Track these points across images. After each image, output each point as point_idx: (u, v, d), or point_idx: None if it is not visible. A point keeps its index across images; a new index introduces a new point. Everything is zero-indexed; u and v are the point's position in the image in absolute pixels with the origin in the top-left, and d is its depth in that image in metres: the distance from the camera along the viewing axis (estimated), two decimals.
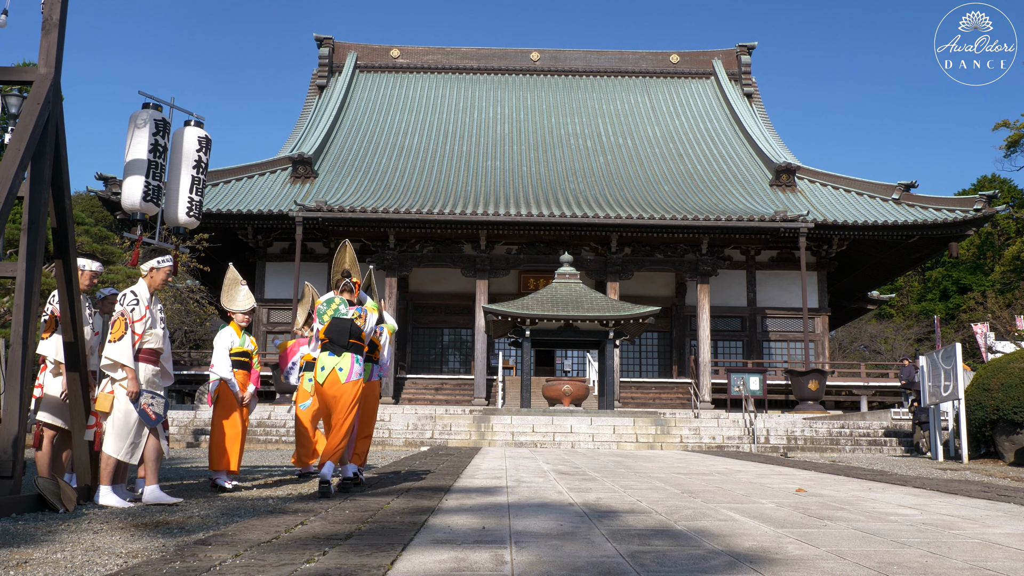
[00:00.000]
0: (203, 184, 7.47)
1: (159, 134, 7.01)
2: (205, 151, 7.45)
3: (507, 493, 6.70)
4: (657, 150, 36.94)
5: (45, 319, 6.66)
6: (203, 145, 7.42)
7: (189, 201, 7.30)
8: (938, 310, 50.30)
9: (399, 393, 29.60)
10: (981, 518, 5.27)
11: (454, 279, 31.75)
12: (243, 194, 31.44)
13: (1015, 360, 14.18)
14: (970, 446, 14.55)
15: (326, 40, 42.64)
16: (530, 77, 43.49)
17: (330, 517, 5.04)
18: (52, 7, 6.13)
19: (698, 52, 43.98)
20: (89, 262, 6.94)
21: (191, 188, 7.30)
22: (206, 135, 7.46)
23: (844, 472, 9.88)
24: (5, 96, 13.65)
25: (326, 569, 3.32)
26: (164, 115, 7.10)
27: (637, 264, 30.11)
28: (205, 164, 7.45)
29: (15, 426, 5.62)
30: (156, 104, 7.07)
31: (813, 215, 29.21)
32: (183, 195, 7.26)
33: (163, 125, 7.03)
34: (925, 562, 3.63)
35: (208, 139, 7.48)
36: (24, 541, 4.35)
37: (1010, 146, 47.70)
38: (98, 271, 7.06)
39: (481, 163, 35.34)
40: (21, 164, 5.69)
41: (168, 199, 7.20)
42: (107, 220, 37.61)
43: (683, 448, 18.84)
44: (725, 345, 32.67)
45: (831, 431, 20.23)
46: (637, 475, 9.05)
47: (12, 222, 19.05)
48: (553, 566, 3.46)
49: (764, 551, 3.88)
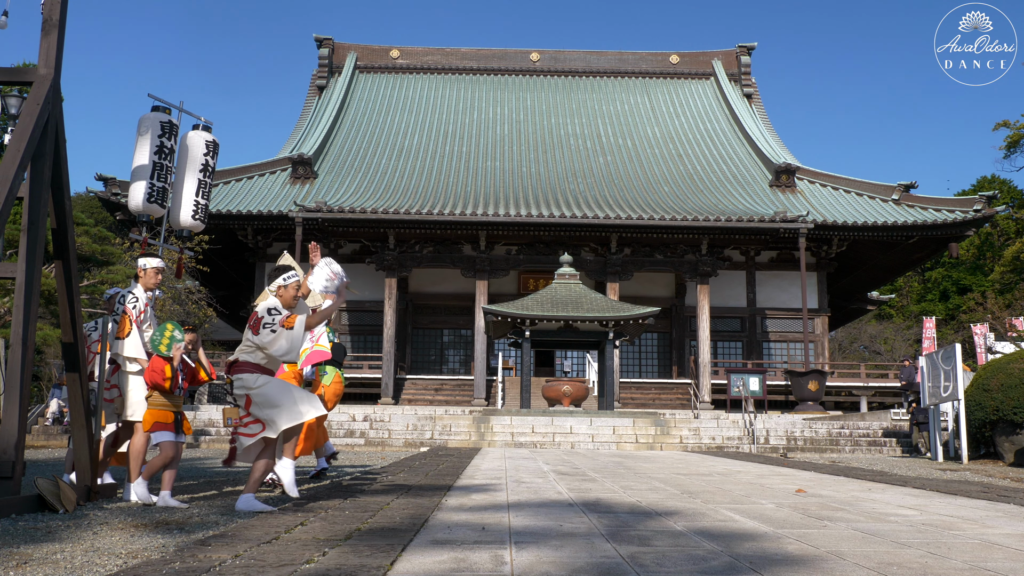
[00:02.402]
0: (209, 188, 7.49)
1: (165, 136, 7.06)
2: (212, 155, 7.48)
3: (507, 493, 6.70)
4: (657, 151, 36.95)
5: (116, 319, 6.65)
6: (210, 149, 7.45)
7: (195, 204, 7.33)
8: (938, 311, 50.31)
9: (399, 393, 29.61)
10: (981, 519, 5.27)
11: (454, 280, 31.76)
12: (243, 194, 31.45)
13: (1015, 361, 14.17)
14: (970, 447, 14.54)
15: (326, 41, 42.64)
16: (530, 78, 43.50)
17: (330, 518, 5.04)
18: (52, 7, 6.13)
19: (698, 53, 43.99)
20: (151, 260, 6.96)
21: (197, 191, 7.34)
22: (214, 139, 7.49)
23: (844, 473, 9.87)
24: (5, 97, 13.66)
25: (326, 569, 3.31)
26: (172, 118, 7.14)
27: (637, 265, 30.12)
28: (212, 168, 7.48)
29: (15, 427, 5.62)
30: (165, 107, 7.10)
31: (813, 216, 29.22)
32: (189, 198, 7.30)
33: (170, 127, 7.08)
34: (925, 563, 3.63)
35: (216, 143, 7.51)
36: (24, 541, 4.34)
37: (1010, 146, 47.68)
38: (160, 267, 7.02)
39: (481, 164, 35.34)
40: (21, 165, 5.69)
41: (174, 201, 7.25)
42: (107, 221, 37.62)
43: (683, 449, 18.85)
44: (725, 346, 32.67)
45: (831, 432, 20.23)
46: (637, 475, 9.05)
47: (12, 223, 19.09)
48: (553, 566, 3.46)
49: (764, 552, 3.88)
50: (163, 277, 7.11)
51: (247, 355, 5.79)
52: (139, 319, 6.68)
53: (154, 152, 6.94)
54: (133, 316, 6.62)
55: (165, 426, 6.29)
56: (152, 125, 6.99)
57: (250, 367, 5.76)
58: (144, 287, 6.89)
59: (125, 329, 6.53)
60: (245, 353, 5.79)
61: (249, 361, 5.77)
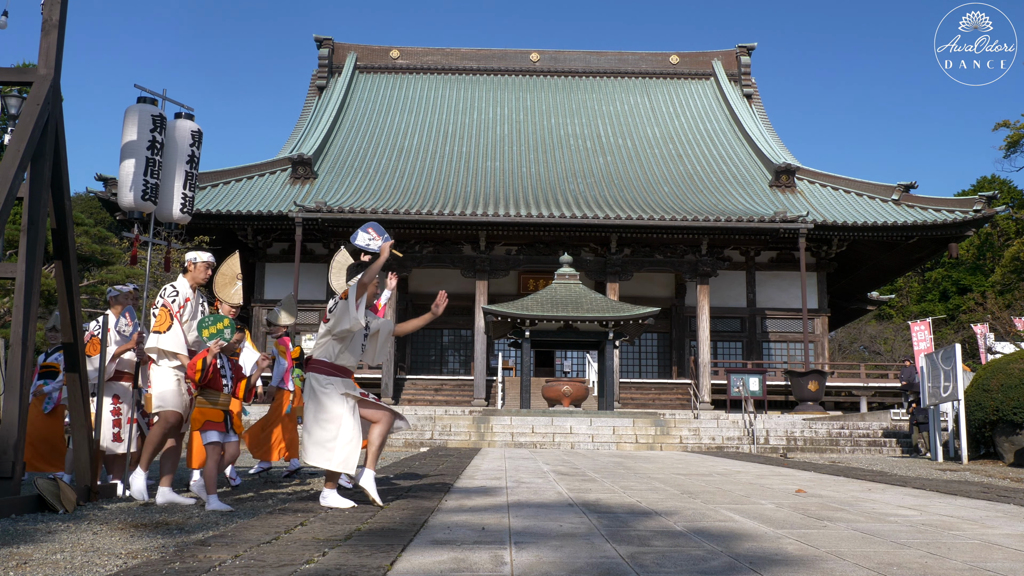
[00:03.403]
0: (195, 179, 7.39)
1: (157, 131, 6.92)
2: (197, 145, 7.34)
3: (507, 493, 6.70)
4: (657, 151, 36.95)
5: (156, 312, 6.46)
6: (195, 139, 7.31)
7: (183, 197, 7.24)
8: (938, 311, 50.29)
9: (399, 394, 29.61)
10: (981, 519, 5.27)
11: (454, 280, 31.74)
12: (243, 195, 31.44)
13: (1014, 361, 14.17)
14: (969, 447, 14.54)
15: (326, 41, 42.63)
16: (530, 78, 43.50)
17: (329, 518, 5.04)
18: (52, 8, 6.13)
19: (698, 53, 43.98)
20: (201, 254, 6.81)
21: (184, 184, 7.23)
22: (198, 128, 7.35)
23: (843, 473, 9.87)
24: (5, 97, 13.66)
25: (326, 570, 3.32)
26: (160, 110, 7.02)
27: (637, 265, 30.12)
28: (197, 158, 7.34)
29: (15, 427, 5.62)
30: (151, 98, 7.00)
31: (812, 216, 29.21)
32: (177, 191, 7.19)
33: (160, 121, 6.95)
34: (925, 563, 3.63)
35: (200, 132, 7.36)
36: (24, 541, 4.34)
37: (1010, 146, 47.67)
38: (211, 262, 6.87)
39: (481, 164, 35.34)
40: (21, 165, 5.69)
41: (162, 195, 7.10)
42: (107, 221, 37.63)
43: (683, 449, 18.85)
44: (725, 346, 32.66)
45: (830, 432, 20.23)
46: (636, 476, 9.05)
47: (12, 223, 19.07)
48: (553, 567, 3.46)
49: (764, 552, 3.88)
50: (152, 275, 7.01)
51: (318, 352, 5.80)
52: (179, 313, 6.45)
53: (147, 147, 6.83)
54: (174, 310, 6.41)
55: (215, 425, 6.15)
56: (141, 118, 6.83)
57: (322, 366, 5.75)
58: (191, 282, 6.67)
59: (165, 323, 6.32)
60: (317, 350, 5.82)
61: (321, 359, 5.78)
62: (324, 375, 5.72)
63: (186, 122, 7.28)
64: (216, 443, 6.12)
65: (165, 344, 6.33)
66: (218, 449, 6.14)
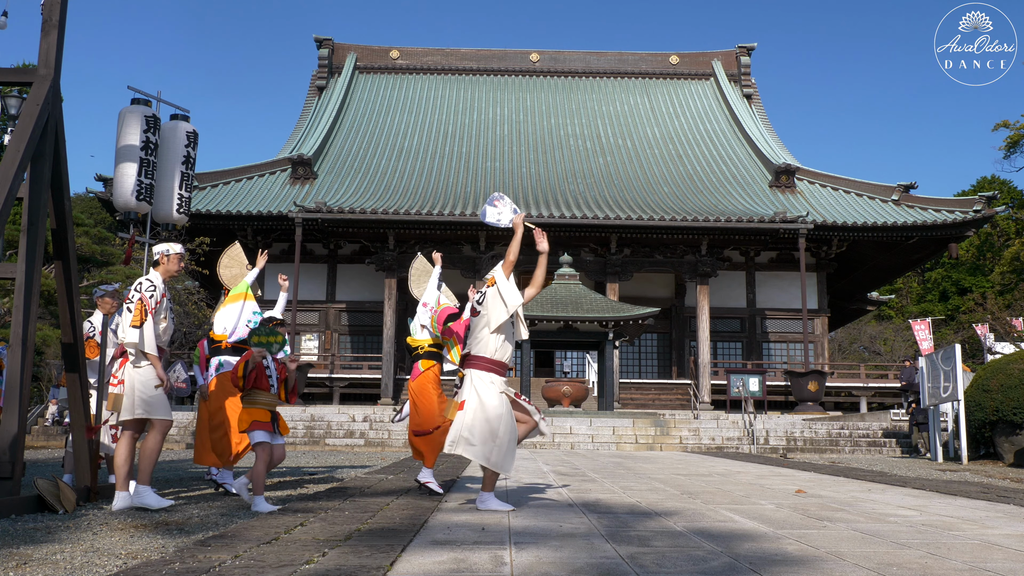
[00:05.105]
0: (192, 180, 7.40)
1: (150, 131, 6.92)
2: (193, 146, 7.35)
3: (506, 494, 6.69)
4: (656, 151, 36.94)
5: (130, 307, 6.06)
6: (191, 140, 7.32)
7: (179, 198, 7.24)
8: (937, 311, 50.30)
9: (399, 394, 29.60)
10: (980, 519, 5.27)
11: (454, 280, 31.69)
12: (242, 195, 31.43)
13: (1014, 361, 14.17)
14: (969, 447, 14.54)
15: (325, 41, 42.63)
16: (529, 78, 43.49)
17: (329, 518, 5.04)
18: (52, 8, 6.13)
19: (697, 53, 43.98)
20: (173, 245, 6.49)
21: (181, 184, 7.23)
22: (193, 129, 7.36)
23: (843, 473, 9.87)
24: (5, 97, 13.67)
25: (326, 570, 3.31)
26: (153, 111, 7.01)
27: (636, 265, 30.11)
28: (193, 159, 7.35)
29: (15, 427, 5.61)
30: (145, 99, 7.00)
31: (812, 216, 29.21)
32: (173, 192, 7.19)
33: (154, 122, 6.95)
34: (924, 563, 3.63)
35: (195, 133, 7.38)
36: (24, 541, 4.34)
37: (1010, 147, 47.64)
38: (183, 253, 6.57)
39: (480, 164, 35.34)
40: (21, 165, 5.69)
41: (158, 196, 7.08)
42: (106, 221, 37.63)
43: (682, 449, 18.84)
44: (724, 346, 32.66)
45: (830, 432, 20.23)
46: (636, 476, 9.05)
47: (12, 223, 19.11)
48: (553, 567, 3.46)
49: (764, 552, 3.88)
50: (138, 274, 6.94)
51: (476, 348, 5.73)
52: (154, 308, 6.11)
53: (141, 148, 6.82)
54: (150, 305, 6.07)
55: (262, 425, 5.91)
56: (135, 119, 6.79)
57: (482, 362, 5.69)
58: (164, 274, 6.32)
59: (138, 318, 5.98)
60: (475, 346, 5.75)
61: (480, 355, 5.70)
62: (486, 371, 5.66)
63: (181, 123, 7.28)
64: (264, 443, 5.89)
65: (142, 342, 6.00)
66: (267, 449, 5.90)
